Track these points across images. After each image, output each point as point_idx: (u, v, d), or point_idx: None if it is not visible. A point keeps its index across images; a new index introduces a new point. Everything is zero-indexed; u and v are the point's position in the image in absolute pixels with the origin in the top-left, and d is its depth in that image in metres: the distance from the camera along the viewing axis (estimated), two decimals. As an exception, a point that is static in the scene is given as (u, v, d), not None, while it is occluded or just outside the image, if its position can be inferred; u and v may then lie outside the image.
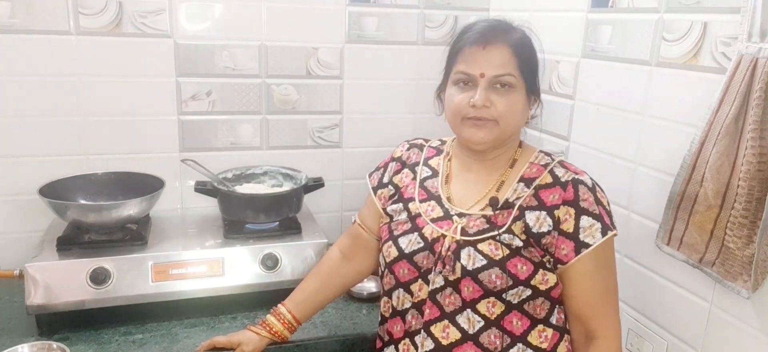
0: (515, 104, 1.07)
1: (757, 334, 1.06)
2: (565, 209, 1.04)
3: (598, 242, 1.02)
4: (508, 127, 1.08)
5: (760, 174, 0.97)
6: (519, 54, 1.06)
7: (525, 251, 1.05)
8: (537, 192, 1.07)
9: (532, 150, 1.15)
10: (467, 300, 1.05)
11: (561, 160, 1.12)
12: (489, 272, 1.03)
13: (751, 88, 0.97)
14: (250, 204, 1.53)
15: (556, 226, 1.04)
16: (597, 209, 1.03)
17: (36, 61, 1.52)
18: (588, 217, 1.03)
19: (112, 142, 1.62)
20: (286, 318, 1.26)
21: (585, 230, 1.03)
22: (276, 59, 1.71)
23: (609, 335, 1.07)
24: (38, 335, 1.29)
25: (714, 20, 1.10)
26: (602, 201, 1.05)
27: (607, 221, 1.04)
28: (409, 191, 1.19)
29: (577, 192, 1.04)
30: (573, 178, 1.06)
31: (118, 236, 1.40)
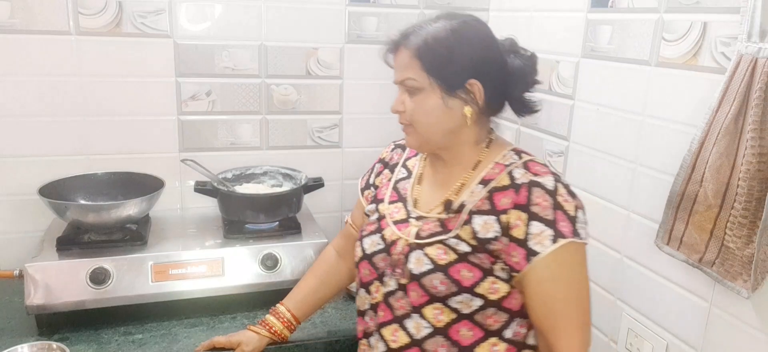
0: (424, 106, 1.02)
1: (757, 334, 1.06)
2: (516, 214, 0.97)
3: (547, 250, 0.94)
4: (428, 129, 1.04)
5: (759, 174, 0.97)
6: (422, 55, 1.00)
7: (473, 256, 0.99)
8: (491, 195, 1.00)
9: (502, 149, 1.07)
10: (415, 305, 1.03)
11: (529, 160, 1.03)
12: (431, 277, 1.00)
13: (751, 88, 0.97)
14: (249, 204, 1.53)
15: (506, 231, 0.97)
16: (552, 214, 0.95)
17: (36, 61, 1.52)
18: (538, 222, 0.95)
19: (112, 142, 1.62)
20: (286, 317, 1.26)
21: (534, 236, 0.95)
22: (276, 59, 1.71)
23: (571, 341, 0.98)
24: (38, 335, 1.29)
25: (714, 20, 1.10)
26: (563, 206, 0.96)
27: (562, 227, 0.95)
28: (382, 192, 1.19)
29: (530, 195, 0.97)
30: (530, 180, 0.98)
31: (118, 236, 1.40)
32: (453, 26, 1.01)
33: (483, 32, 1.03)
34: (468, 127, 1.04)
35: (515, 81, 1.04)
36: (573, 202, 0.97)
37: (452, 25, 1.01)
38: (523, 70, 1.04)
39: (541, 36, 1.61)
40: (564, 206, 0.96)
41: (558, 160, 1.55)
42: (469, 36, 1.01)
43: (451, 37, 1.00)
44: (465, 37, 1.01)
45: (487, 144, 1.07)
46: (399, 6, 1.77)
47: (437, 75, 1.00)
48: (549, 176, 0.98)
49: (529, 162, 1.02)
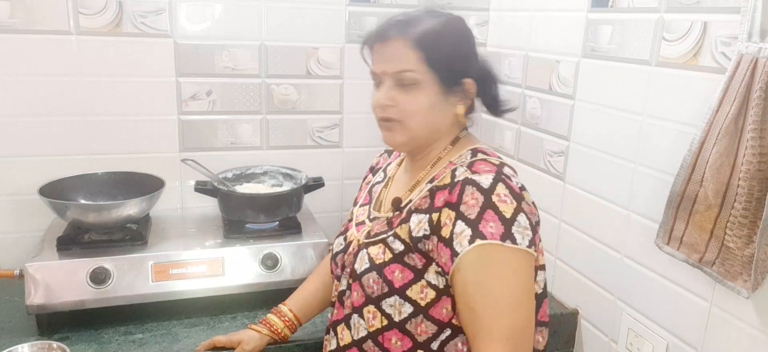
0: (419, 101, 0.97)
1: (757, 334, 1.06)
2: (446, 213, 0.91)
3: (464, 250, 0.88)
4: (420, 126, 1.00)
5: (760, 174, 0.97)
6: (423, 46, 0.95)
7: (407, 256, 0.96)
8: (433, 193, 0.96)
9: (464, 147, 1.03)
10: (355, 305, 1.02)
11: (479, 159, 0.98)
12: (368, 276, 0.98)
13: (751, 88, 0.97)
14: (250, 204, 1.53)
15: (435, 230, 0.92)
16: (478, 213, 0.88)
17: (36, 61, 1.52)
18: (462, 221, 0.89)
19: (112, 142, 1.62)
20: (288, 317, 1.26)
21: (457, 236, 0.89)
22: (276, 59, 1.71)
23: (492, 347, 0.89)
24: (38, 335, 1.29)
25: (714, 20, 1.10)
26: (497, 205, 0.89)
27: (485, 228, 0.87)
28: (361, 195, 1.21)
29: (461, 193, 0.91)
30: (465, 177, 0.92)
31: (118, 235, 1.40)
32: (445, 21, 0.99)
33: (469, 30, 1.03)
34: (451, 126, 1.03)
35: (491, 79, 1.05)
36: (513, 204, 0.90)
37: (444, 20, 0.99)
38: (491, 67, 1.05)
39: (541, 36, 1.61)
40: (498, 205, 0.89)
41: (558, 160, 1.55)
42: (463, 33, 1.01)
43: (449, 32, 0.98)
44: (460, 34, 1.00)
45: (453, 141, 1.04)
46: (399, 6, 1.77)
47: (438, 69, 0.97)
48: (488, 175, 0.92)
49: (476, 162, 0.97)
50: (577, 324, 1.52)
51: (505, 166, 0.98)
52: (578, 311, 1.51)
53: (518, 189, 0.93)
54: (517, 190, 0.92)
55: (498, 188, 0.90)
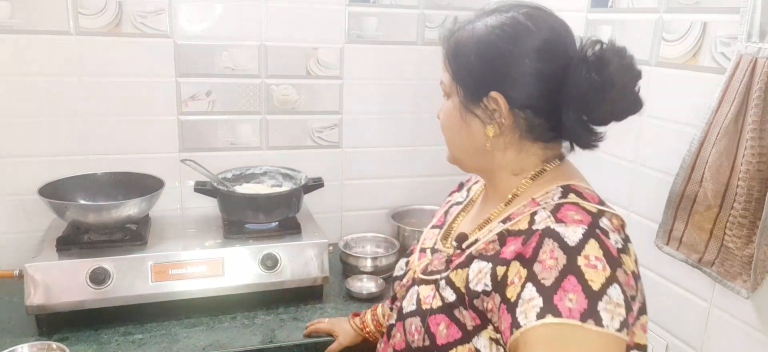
0: (448, 119, 0.88)
1: (756, 334, 1.06)
2: (516, 269, 0.73)
3: (529, 325, 0.68)
4: (449, 144, 0.90)
5: (759, 174, 0.97)
6: (451, 57, 0.85)
7: (457, 310, 0.79)
8: (503, 238, 0.79)
9: (551, 183, 0.83)
10: (396, 349, 0.88)
11: (570, 202, 0.77)
12: (412, 321, 0.84)
13: (751, 88, 0.97)
14: (249, 204, 1.53)
15: (498, 287, 0.74)
16: (557, 279, 0.69)
17: (36, 61, 1.52)
18: (533, 285, 0.70)
19: (112, 143, 1.62)
20: (380, 322, 1.21)
21: (524, 302, 0.70)
22: (276, 59, 1.71)
23: None
24: (38, 335, 1.29)
25: (713, 20, 1.10)
26: (585, 273, 0.68)
27: (560, 301, 0.67)
28: (437, 213, 1.07)
29: (539, 247, 0.72)
30: (546, 227, 0.73)
31: (118, 236, 1.40)
32: (498, 22, 0.81)
33: (537, 33, 0.80)
34: (498, 151, 0.85)
35: (571, 102, 0.79)
36: (604, 271, 0.69)
37: (498, 20, 0.82)
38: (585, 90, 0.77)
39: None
40: (584, 271, 0.68)
41: (558, 161, 1.55)
42: (509, 36, 0.80)
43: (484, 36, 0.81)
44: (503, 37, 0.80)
45: (533, 176, 0.85)
46: (399, 6, 1.77)
47: (460, 81, 0.84)
48: (578, 227, 0.72)
49: (565, 205, 0.77)
50: (576, 324, 1.52)
51: (606, 214, 0.76)
52: (578, 312, 1.51)
53: (616, 250, 0.72)
54: (615, 252, 0.71)
55: (588, 247, 0.70)
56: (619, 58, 0.77)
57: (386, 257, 1.65)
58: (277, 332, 1.34)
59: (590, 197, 0.80)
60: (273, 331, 1.35)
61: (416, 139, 1.88)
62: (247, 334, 1.33)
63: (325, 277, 1.47)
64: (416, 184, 1.92)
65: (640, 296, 0.77)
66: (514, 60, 0.80)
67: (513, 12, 0.82)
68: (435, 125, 1.25)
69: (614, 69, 0.76)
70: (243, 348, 1.28)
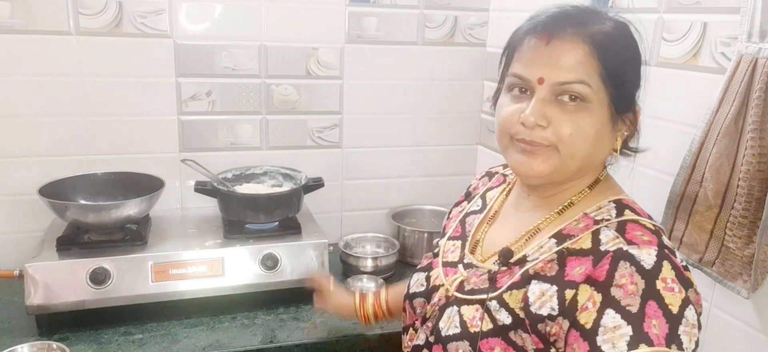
0: (587, 127, 0.75)
1: (757, 334, 1.06)
2: (588, 292, 0.69)
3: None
4: (574, 158, 0.77)
5: (760, 174, 0.97)
6: (602, 53, 0.74)
7: (514, 332, 0.75)
8: (563, 258, 0.75)
9: (602, 196, 0.80)
10: None
11: (630, 220, 0.75)
12: (457, 345, 0.79)
13: (751, 89, 0.97)
14: (249, 204, 1.53)
15: (568, 312, 0.70)
16: (639, 305, 0.66)
17: (36, 62, 1.52)
18: (616, 312, 0.67)
19: (112, 143, 1.62)
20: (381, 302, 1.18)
21: (606, 331, 0.66)
22: (276, 59, 1.71)
23: None
24: (38, 335, 1.29)
25: (714, 20, 1.10)
26: (664, 297, 0.66)
27: (651, 328, 0.65)
28: (450, 224, 1.00)
29: (613, 270, 0.69)
30: (618, 248, 0.70)
31: (118, 236, 1.40)
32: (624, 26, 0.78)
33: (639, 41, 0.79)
34: (601, 162, 0.82)
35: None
36: (681, 294, 0.67)
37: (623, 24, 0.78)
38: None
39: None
40: (663, 295, 0.67)
41: (558, 161, 1.55)
42: (637, 43, 0.78)
43: (625, 38, 0.77)
44: (636, 44, 0.78)
45: (591, 185, 0.82)
46: (399, 6, 1.77)
47: (615, 86, 0.75)
48: (650, 249, 0.69)
49: (628, 223, 0.74)
50: (577, 324, 1.52)
51: (662, 232, 0.75)
52: (578, 312, 1.51)
53: (685, 271, 0.71)
54: (684, 273, 0.70)
55: (664, 270, 0.68)
56: None
57: (386, 257, 1.65)
58: (277, 332, 1.34)
59: (641, 213, 0.78)
60: (273, 331, 1.35)
61: (416, 140, 1.88)
62: (247, 334, 1.33)
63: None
64: (416, 184, 1.92)
65: None
66: (640, 68, 0.79)
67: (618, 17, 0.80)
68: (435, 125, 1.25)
69: None
70: (243, 348, 1.28)
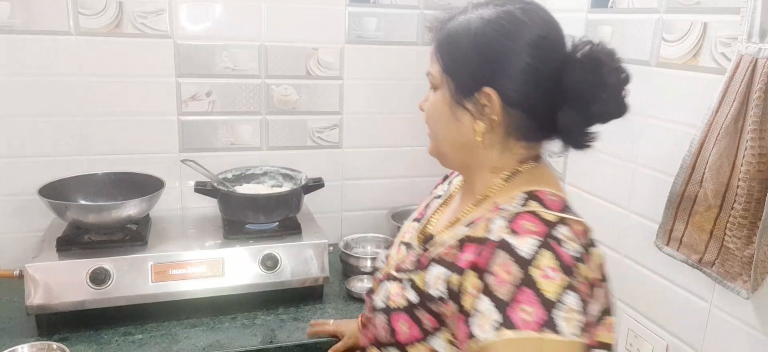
0: (433, 108, 0.85)
1: (756, 334, 1.06)
2: (471, 279, 0.73)
3: (485, 339, 0.68)
4: (435, 136, 0.88)
5: (759, 174, 0.97)
6: (442, 48, 0.83)
7: (417, 310, 0.80)
8: (462, 244, 0.79)
9: (519, 188, 0.82)
10: (368, 339, 0.91)
11: (527, 211, 0.76)
12: (380, 316, 0.86)
13: (751, 89, 0.97)
14: (249, 204, 1.53)
15: (455, 296, 0.75)
16: (511, 292, 0.68)
17: (36, 62, 1.52)
18: (489, 300, 0.69)
19: (112, 143, 1.62)
20: None
21: (479, 314, 0.70)
22: (276, 59, 1.71)
23: None
24: (38, 336, 1.29)
25: (714, 21, 1.10)
26: (539, 284, 0.68)
27: (517, 314, 0.67)
28: (420, 206, 1.06)
29: (492, 259, 0.71)
30: (501, 238, 0.72)
31: (118, 236, 1.40)
32: (493, 15, 0.79)
33: (532, 28, 0.78)
34: (484, 148, 0.82)
35: (568, 101, 0.78)
36: (560, 281, 0.69)
37: (494, 13, 0.79)
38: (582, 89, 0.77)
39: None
40: (539, 283, 0.68)
41: (558, 161, 1.55)
42: (506, 31, 0.78)
43: (480, 29, 0.79)
44: (499, 32, 0.78)
45: (507, 177, 0.84)
46: (399, 6, 1.77)
47: (451, 73, 0.82)
48: (531, 239, 0.71)
49: (523, 214, 0.76)
50: (576, 325, 1.52)
51: (566, 222, 0.75)
52: (578, 312, 1.51)
53: (571, 258, 0.71)
54: (569, 260, 0.71)
55: (541, 258, 0.70)
56: (611, 60, 0.77)
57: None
58: (277, 332, 1.34)
59: (552, 204, 0.78)
60: (273, 331, 1.35)
61: (416, 140, 1.88)
62: (247, 334, 1.33)
63: (325, 277, 1.47)
64: (416, 184, 1.92)
65: (604, 300, 0.78)
66: (510, 55, 0.78)
67: (508, 5, 0.80)
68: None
69: (607, 70, 0.76)
70: (243, 348, 1.28)
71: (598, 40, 0.79)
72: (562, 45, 0.80)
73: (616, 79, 0.77)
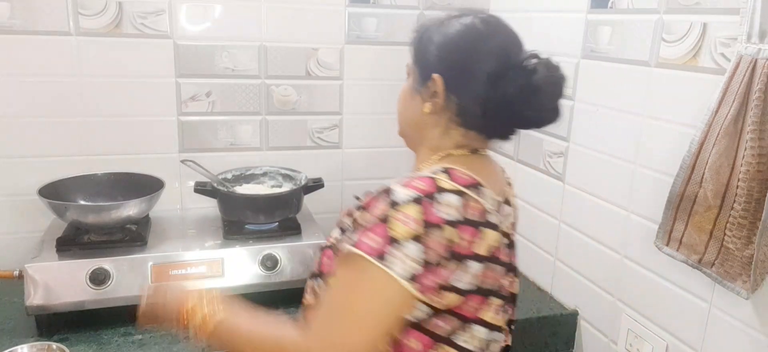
0: (402, 91, 1.01)
1: (756, 334, 1.06)
2: (360, 213, 0.87)
3: (344, 248, 0.83)
4: (398, 116, 1.02)
5: (759, 175, 0.97)
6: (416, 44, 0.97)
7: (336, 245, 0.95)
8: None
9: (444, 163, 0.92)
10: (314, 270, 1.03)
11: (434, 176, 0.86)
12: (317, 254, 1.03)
13: (751, 89, 0.97)
14: (249, 205, 1.53)
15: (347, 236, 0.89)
16: (372, 222, 0.81)
17: (36, 62, 1.52)
18: (357, 227, 0.85)
19: (112, 143, 1.62)
20: None
21: (349, 239, 0.84)
22: (276, 60, 1.71)
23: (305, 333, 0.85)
24: (38, 336, 1.29)
25: (713, 21, 1.11)
26: (394, 225, 0.80)
27: (365, 238, 0.80)
28: None
29: (376, 200, 0.84)
30: (390, 187, 0.85)
31: (118, 236, 1.40)
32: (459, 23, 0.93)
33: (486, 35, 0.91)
34: (429, 128, 0.95)
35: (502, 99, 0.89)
36: (413, 230, 0.79)
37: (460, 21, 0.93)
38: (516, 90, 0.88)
39: (541, 36, 1.61)
40: (394, 224, 0.80)
41: (558, 161, 1.55)
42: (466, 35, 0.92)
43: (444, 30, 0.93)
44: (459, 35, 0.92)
45: (441, 158, 0.94)
46: (399, 6, 1.77)
47: (417, 64, 0.96)
48: (410, 191, 0.82)
49: (422, 177, 0.86)
50: (576, 325, 1.52)
51: (460, 194, 0.84)
52: (578, 312, 1.51)
53: (440, 219, 0.81)
54: (436, 219, 0.80)
55: (408, 208, 0.80)
56: (548, 71, 0.89)
57: (386, 257, 1.65)
58: (277, 332, 1.34)
59: (458, 180, 0.87)
60: (273, 331, 1.34)
61: (416, 140, 1.88)
62: (247, 334, 1.33)
63: (325, 277, 1.47)
64: (416, 184, 1.92)
65: (491, 281, 0.87)
66: (462, 53, 0.91)
67: (473, 17, 0.93)
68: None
69: (540, 78, 0.87)
70: (243, 349, 1.28)
71: (546, 56, 0.91)
72: (511, 54, 0.91)
73: (549, 88, 0.89)
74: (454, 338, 0.87)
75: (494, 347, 0.93)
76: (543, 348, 1.51)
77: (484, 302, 0.88)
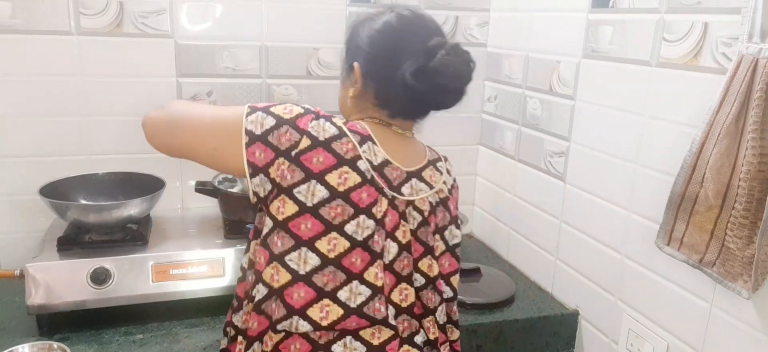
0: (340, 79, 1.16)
1: (757, 334, 1.06)
2: None
3: None
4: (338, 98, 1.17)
5: (760, 175, 0.97)
6: (347, 38, 1.12)
7: None
8: None
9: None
10: None
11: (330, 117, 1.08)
12: None
13: (752, 89, 0.97)
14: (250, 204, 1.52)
15: None
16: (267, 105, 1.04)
17: (36, 62, 1.52)
18: None
19: (113, 143, 1.63)
20: None
21: None
22: (277, 59, 1.71)
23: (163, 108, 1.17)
24: (39, 335, 1.29)
25: (714, 21, 1.10)
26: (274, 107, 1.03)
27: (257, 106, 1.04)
28: None
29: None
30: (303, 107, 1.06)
31: (119, 236, 1.40)
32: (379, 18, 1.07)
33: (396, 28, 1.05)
34: (355, 110, 1.11)
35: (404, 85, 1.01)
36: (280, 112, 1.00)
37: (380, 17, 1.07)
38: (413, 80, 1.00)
39: (541, 36, 1.61)
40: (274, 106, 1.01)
41: (559, 161, 1.55)
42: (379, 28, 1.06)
43: (366, 24, 1.08)
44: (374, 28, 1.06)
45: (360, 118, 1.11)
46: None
47: (346, 55, 1.12)
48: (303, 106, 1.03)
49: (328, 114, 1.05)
50: (577, 325, 1.52)
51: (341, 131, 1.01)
52: (578, 312, 1.51)
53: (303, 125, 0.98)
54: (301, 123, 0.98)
55: (296, 107, 1.01)
56: (449, 55, 0.99)
57: (387, 257, 1.65)
58: (277, 332, 1.34)
59: (350, 126, 1.02)
60: (274, 331, 1.35)
61: (417, 140, 1.88)
62: (248, 334, 1.33)
63: (325, 277, 1.46)
64: (417, 184, 1.92)
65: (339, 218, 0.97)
66: (373, 44, 1.06)
67: (389, 12, 1.07)
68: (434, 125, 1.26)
69: (438, 62, 0.98)
70: (244, 348, 1.28)
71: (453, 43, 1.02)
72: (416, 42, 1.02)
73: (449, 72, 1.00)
74: (287, 257, 0.98)
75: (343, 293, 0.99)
76: (544, 348, 1.51)
77: (324, 232, 0.97)
